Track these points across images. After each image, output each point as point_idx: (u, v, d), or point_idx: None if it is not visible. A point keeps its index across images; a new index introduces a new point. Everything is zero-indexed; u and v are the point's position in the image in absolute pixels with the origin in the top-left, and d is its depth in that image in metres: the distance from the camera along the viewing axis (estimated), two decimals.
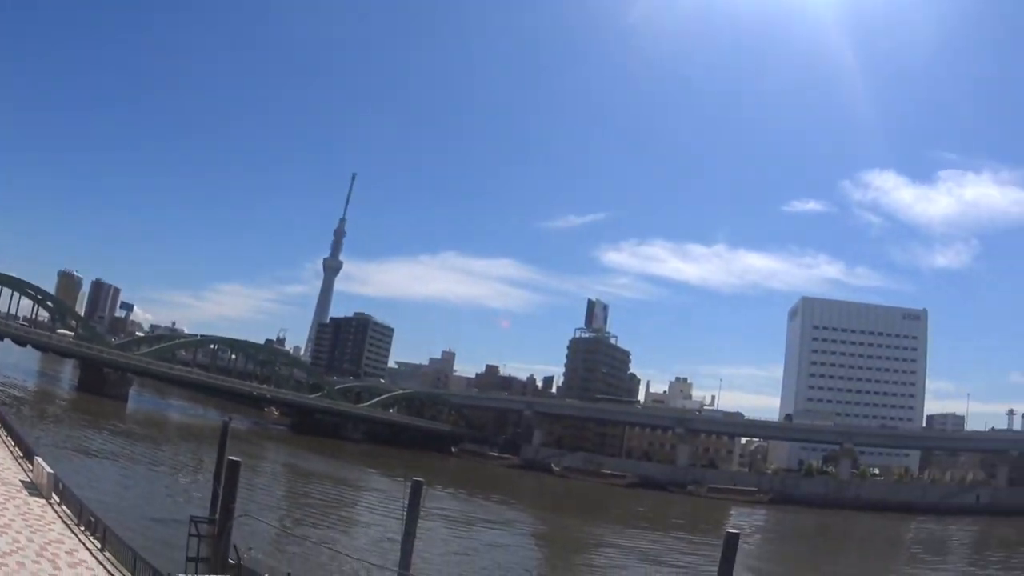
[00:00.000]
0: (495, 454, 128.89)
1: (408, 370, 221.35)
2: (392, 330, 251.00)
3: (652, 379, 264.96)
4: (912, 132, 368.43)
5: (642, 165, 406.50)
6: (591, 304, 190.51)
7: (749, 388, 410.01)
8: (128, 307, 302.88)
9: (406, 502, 22.59)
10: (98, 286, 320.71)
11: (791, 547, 70.02)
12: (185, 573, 21.93)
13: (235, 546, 22.74)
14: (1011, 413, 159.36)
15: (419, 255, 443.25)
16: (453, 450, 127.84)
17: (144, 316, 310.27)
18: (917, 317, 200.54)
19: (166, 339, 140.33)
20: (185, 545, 23.72)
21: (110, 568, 18.88)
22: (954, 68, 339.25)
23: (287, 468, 75.41)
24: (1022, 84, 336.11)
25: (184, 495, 43.19)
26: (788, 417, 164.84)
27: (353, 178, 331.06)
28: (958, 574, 59.32)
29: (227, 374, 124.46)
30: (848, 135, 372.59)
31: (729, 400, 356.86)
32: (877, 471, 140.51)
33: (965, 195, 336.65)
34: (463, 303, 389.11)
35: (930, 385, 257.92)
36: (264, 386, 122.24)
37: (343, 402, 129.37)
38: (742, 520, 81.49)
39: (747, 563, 44.03)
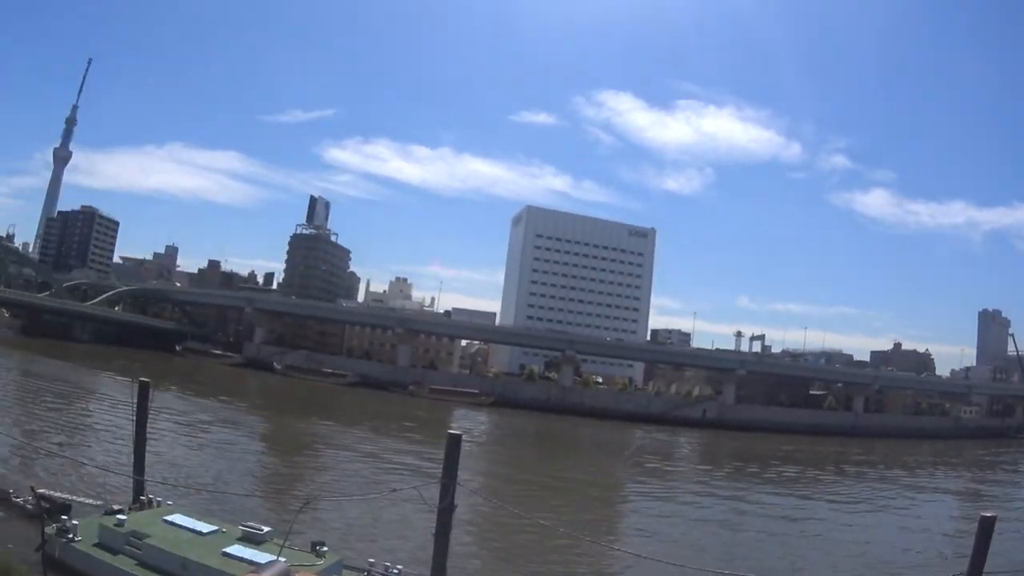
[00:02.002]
0: (218, 352, 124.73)
1: (131, 266, 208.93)
2: (117, 223, 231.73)
3: (372, 278, 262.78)
4: (655, 61, 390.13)
5: (370, 64, 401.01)
6: (313, 201, 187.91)
7: (469, 292, 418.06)
8: None
9: (135, 404, 21.43)
10: None
11: (524, 449, 70.22)
12: None
13: None
14: (739, 335, 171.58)
15: (145, 145, 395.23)
16: (177, 348, 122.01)
17: None
18: (644, 235, 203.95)
19: None
20: None
21: None
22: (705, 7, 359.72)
23: (20, 374, 69.60)
24: (774, 27, 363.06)
25: None
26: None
27: (89, 63, 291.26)
28: (698, 480, 57.42)
29: None
30: (586, 54, 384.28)
31: (449, 302, 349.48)
32: (601, 380, 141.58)
33: (704, 126, 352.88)
34: (187, 196, 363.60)
35: (656, 301, 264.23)
36: None
37: (71, 301, 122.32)
38: (467, 423, 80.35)
39: (476, 465, 44.79)
